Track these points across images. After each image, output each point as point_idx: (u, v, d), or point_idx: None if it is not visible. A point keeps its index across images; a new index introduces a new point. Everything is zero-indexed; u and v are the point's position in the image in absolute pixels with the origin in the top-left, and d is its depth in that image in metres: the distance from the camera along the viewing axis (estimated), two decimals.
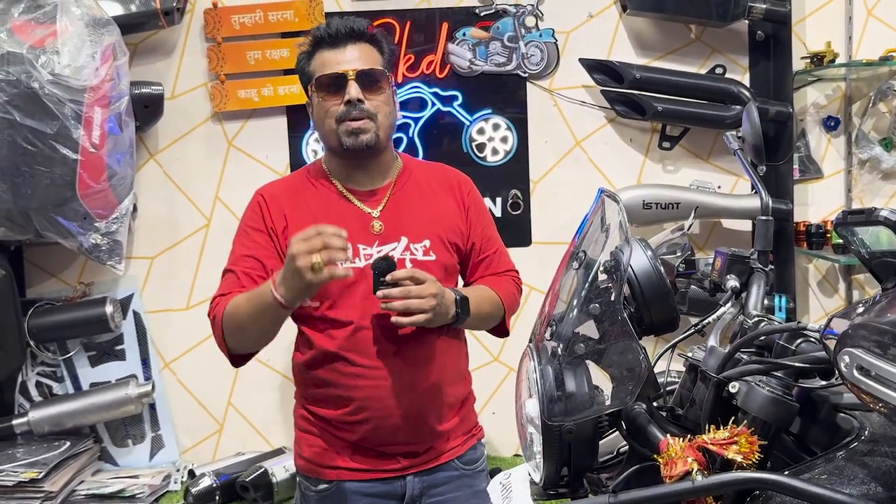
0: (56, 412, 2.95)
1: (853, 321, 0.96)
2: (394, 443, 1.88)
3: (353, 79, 1.81)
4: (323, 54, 1.85)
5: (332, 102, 1.83)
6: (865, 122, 3.15)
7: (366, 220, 1.87)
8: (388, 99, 1.87)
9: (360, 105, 1.81)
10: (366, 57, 1.85)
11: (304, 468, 1.98)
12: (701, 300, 1.68)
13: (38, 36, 2.63)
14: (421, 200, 1.93)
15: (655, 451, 1.09)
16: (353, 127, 1.81)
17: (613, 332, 1.19)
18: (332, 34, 1.84)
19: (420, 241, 1.87)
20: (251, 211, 1.93)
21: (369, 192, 1.91)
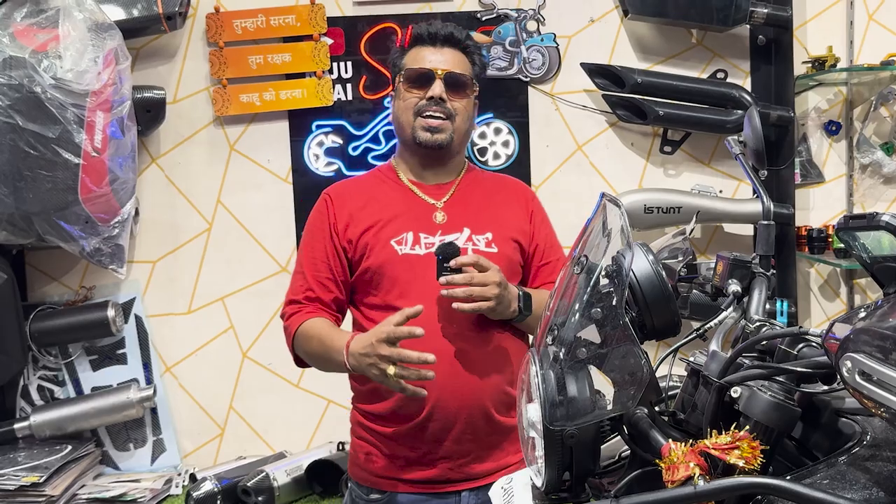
0: (57, 416, 2.95)
1: (855, 326, 0.96)
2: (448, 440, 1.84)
3: (440, 77, 1.87)
4: (418, 50, 1.92)
5: (416, 95, 1.89)
6: (867, 127, 3.15)
7: (429, 210, 1.91)
8: (468, 105, 1.93)
9: (442, 103, 1.87)
10: (457, 62, 1.91)
11: (358, 477, 1.96)
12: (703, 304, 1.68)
13: (41, 40, 2.64)
14: (486, 198, 1.97)
15: (657, 455, 1.09)
16: (431, 124, 1.87)
17: (615, 336, 1.19)
18: (432, 33, 1.91)
19: (482, 233, 1.90)
20: (317, 211, 1.99)
21: (435, 186, 1.96)
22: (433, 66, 1.89)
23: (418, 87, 1.89)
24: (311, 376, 3.17)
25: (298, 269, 1.98)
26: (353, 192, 1.98)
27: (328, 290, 1.92)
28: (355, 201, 1.95)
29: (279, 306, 3.08)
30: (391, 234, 1.88)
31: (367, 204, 1.93)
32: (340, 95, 3.10)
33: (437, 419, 1.84)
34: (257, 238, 3.14)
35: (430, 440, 1.85)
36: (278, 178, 3.12)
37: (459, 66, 1.91)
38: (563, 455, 1.17)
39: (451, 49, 1.92)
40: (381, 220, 1.90)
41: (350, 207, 1.93)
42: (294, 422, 3.18)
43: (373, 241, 1.89)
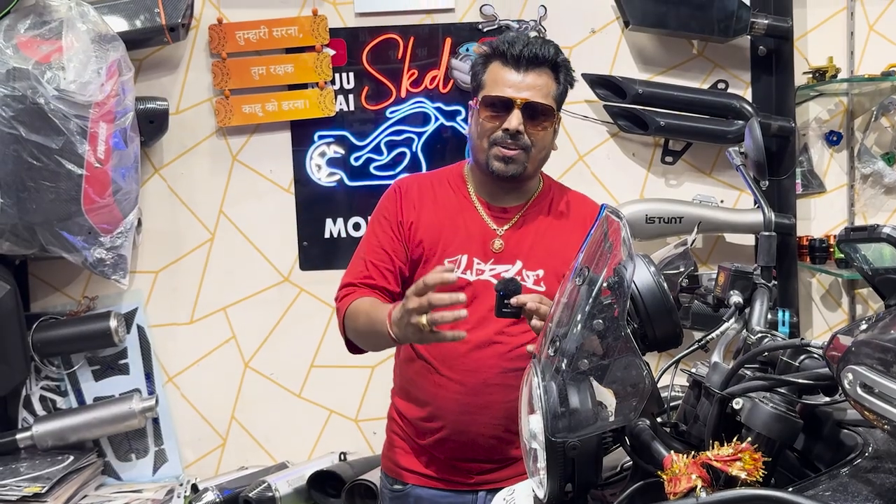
0: (60, 426, 2.95)
1: (856, 338, 0.96)
2: (466, 458, 1.90)
3: (518, 108, 1.80)
4: (500, 70, 1.83)
5: (492, 124, 1.82)
6: (868, 137, 3.15)
7: (489, 236, 1.89)
8: (548, 134, 1.87)
9: (519, 137, 1.81)
10: (540, 87, 1.82)
11: (385, 466, 2.04)
12: (704, 315, 1.69)
13: (44, 52, 2.64)
14: (549, 228, 1.92)
15: (659, 467, 1.09)
16: (504, 154, 1.82)
17: (617, 348, 1.19)
18: (517, 56, 1.81)
19: (534, 270, 1.87)
20: (386, 199, 1.98)
21: (501, 209, 1.92)
22: (513, 93, 1.80)
23: (496, 114, 1.82)
24: (314, 387, 3.17)
25: (360, 254, 1.97)
26: (425, 193, 1.96)
27: (386, 280, 1.92)
28: (425, 203, 1.94)
29: (281, 316, 3.13)
30: (447, 252, 1.89)
31: (434, 210, 1.92)
32: (342, 106, 3.10)
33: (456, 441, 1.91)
34: (259, 248, 3.14)
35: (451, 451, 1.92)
36: (280, 188, 3.13)
37: (542, 91, 1.83)
38: (565, 467, 1.18)
39: (535, 70, 1.82)
40: (441, 233, 1.90)
41: (417, 207, 1.93)
42: (296, 432, 3.18)
43: (428, 254, 1.90)
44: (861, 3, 3.13)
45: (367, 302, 1.86)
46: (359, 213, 3.13)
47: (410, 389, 1.98)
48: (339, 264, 3.02)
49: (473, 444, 1.88)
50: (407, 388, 2.00)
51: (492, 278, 1.86)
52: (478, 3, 3.09)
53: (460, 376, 1.86)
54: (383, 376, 3.04)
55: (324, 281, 3.07)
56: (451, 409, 1.88)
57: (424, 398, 1.93)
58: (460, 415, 1.87)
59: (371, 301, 1.87)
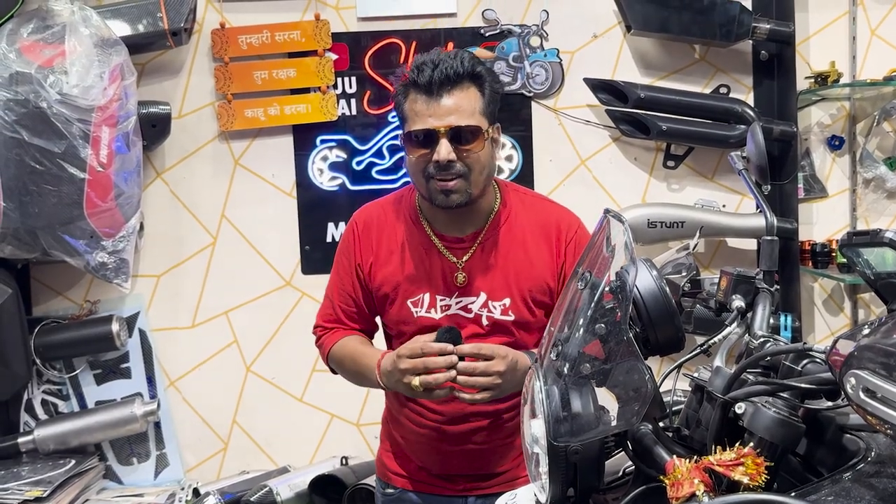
0: (61, 430, 2.95)
1: (859, 342, 0.96)
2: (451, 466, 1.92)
3: (444, 137, 1.69)
4: (417, 101, 1.72)
5: (422, 157, 1.73)
6: (870, 142, 3.15)
7: (450, 270, 1.83)
8: (483, 153, 1.74)
9: (452, 166, 1.70)
10: (463, 106, 1.70)
11: (378, 470, 2.06)
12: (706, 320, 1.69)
13: (47, 56, 2.65)
14: (510, 251, 1.84)
15: (661, 472, 1.09)
16: (442, 187, 1.72)
17: (619, 352, 1.19)
18: (427, 83, 1.70)
19: (500, 300, 1.82)
20: (344, 240, 1.96)
21: (457, 240, 1.84)
22: (434, 123, 1.68)
23: (422, 146, 1.72)
24: (315, 391, 3.17)
25: (329, 293, 1.99)
26: (382, 230, 1.90)
27: (354, 322, 1.97)
28: (382, 241, 1.89)
29: (283, 320, 3.14)
30: (408, 293, 1.85)
31: (392, 249, 1.88)
32: (345, 110, 3.11)
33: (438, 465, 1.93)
34: (261, 252, 3.15)
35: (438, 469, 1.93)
36: (282, 192, 3.13)
37: (466, 110, 1.70)
38: (567, 471, 1.18)
39: (453, 91, 1.70)
40: (401, 273, 1.87)
41: (376, 247, 1.89)
42: (297, 436, 3.18)
43: (392, 295, 1.88)
44: (863, 8, 3.13)
45: (351, 345, 1.91)
46: None
47: (394, 412, 1.99)
48: None
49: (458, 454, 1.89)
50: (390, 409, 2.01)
51: (460, 311, 1.83)
52: (480, 7, 3.09)
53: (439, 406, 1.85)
54: None
55: (325, 285, 3.06)
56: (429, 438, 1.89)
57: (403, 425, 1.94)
58: (439, 443, 1.88)
59: (354, 343, 1.91)
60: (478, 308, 1.82)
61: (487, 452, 1.89)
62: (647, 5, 2.99)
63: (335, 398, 3.17)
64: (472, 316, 1.83)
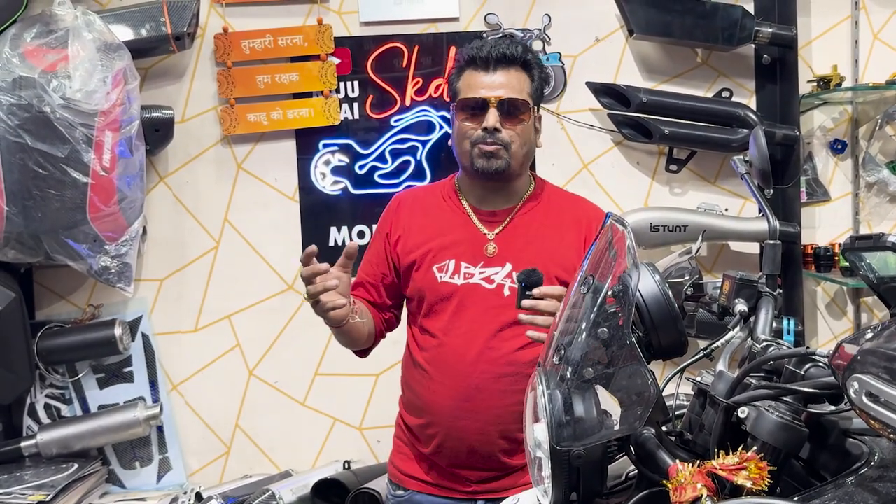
0: (64, 434, 2.95)
1: (862, 347, 0.96)
2: (464, 466, 1.92)
3: (494, 106, 1.83)
4: (471, 75, 1.87)
5: (471, 125, 1.86)
6: (872, 146, 3.15)
7: (481, 241, 1.91)
8: (526, 129, 1.88)
9: (497, 134, 1.83)
10: (513, 84, 1.85)
11: (389, 472, 2.08)
12: (709, 323, 1.69)
13: (50, 60, 2.65)
14: (541, 229, 1.93)
15: (664, 476, 1.09)
16: (486, 150, 1.84)
17: (622, 356, 1.19)
18: (484, 57, 1.85)
19: None
20: (383, 215, 2.07)
21: (491, 213, 1.94)
22: (486, 94, 1.84)
23: (473, 116, 1.86)
24: (318, 395, 3.17)
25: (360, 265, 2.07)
26: (418, 205, 2.01)
27: (369, 293, 2.02)
28: (416, 215, 1.99)
29: (285, 324, 3.14)
30: (435, 259, 1.92)
31: (425, 221, 1.97)
32: (347, 114, 3.11)
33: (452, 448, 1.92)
34: (264, 256, 3.15)
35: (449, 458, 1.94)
36: (285, 196, 3.14)
37: (515, 87, 1.86)
38: (570, 475, 1.18)
39: (506, 69, 1.86)
40: (431, 241, 1.94)
41: (408, 220, 1.99)
42: (300, 440, 3.18)
43: (419, 262, 1.94)
44: (865, 12, 3.13)
45: None
46: (363, 221, 3.13)
47: (410, 397, 2.02)
48: None
49: (469, 450, 1.89)
50: (407, 395, 2.04)
51: (482, 281, 1.89)
52: (482, 12, 3.10)
53: (453, 381, 1.88)
54: (387, 385, 3.03)
55: None
56: (444, 416, 1.90)
57: (421, 405, 1.96)
58: (454, 420, 1.89)
59: None
60: (501, 278, 1.88)
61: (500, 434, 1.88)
62: (649, 9, 2.99)
63: (338, 402, 3.17)
64: (493, 287, 1.88)
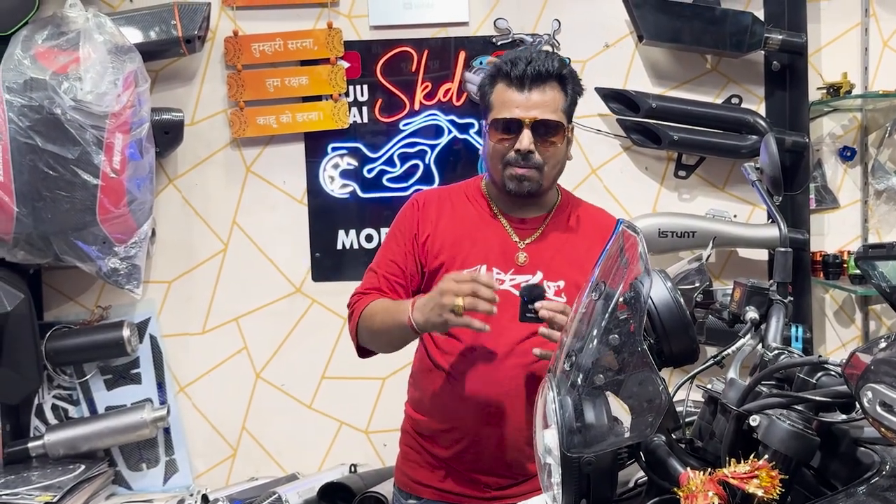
0: (71, 435, 2.96)
1: (876, 356, 0.96)
2: (486, 472, 1.89)
3: (528, 127, 1.80)
4: (505, 91, 1.83)
5: (504, 145, 1.83)
6: (882, 153, 3.15)
7: (512, 249, 1.89)
8: (559, 149, 1.86)
9: (531, 157, 1.81)
10: (548, 102, 1.82)
11: (399, 481, 2.03)
12: (719, 331, 1.69)
13: (62, 62, 2.67)
14: (568, 240, 1.92)
15: (675, 484, 1.09)
16: (519, 174, 1.82)
17: (633, 363, 1.19)
18: (520, 76, 1.81)
19: (555, 280, 1.87)
20: (403, 213, 2.00)
21: (521, 220, 1.92)
22: (520, 114, 1.80)
23: (506, 135, 1.83)
24: (324, 398, 3.17)
25: (373, 266, 2.00)
26: (446, 206, 1.98)
27: (395, 293, 1.94)
28: (441, 215, 1.96)
29: (293, 327, 3.14)
30: (466, 263, 1.89)
31: (452, 222, 1.94)
32: (356, 118, 3.12)
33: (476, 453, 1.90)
34: (272, 259, 3.15)
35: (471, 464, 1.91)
36: (293, 199, 3.14)
37: (550, 107, 1.82)
38: (580, 482, 1.18)
39: (542, 87, 1.82)
40: (460, 244, 1.92)
41: (434, 220, 1.95)
42: (306, 443, 3.18)
43: (448, 264, 1.90)
44: (875, 19, 3.13)
45: (387, 300, 1.90)
46: (371, 224, 3.13)
47: (428, 401, 1.96)
48: (351, 276, 3.03)
49: (494, 456, 1.87)
50: (424, 399, 1.97)
51: (511, 288, 1.86)
52: (492, 16, 3.10)
53: (481, 386, 1.85)
54: (394, 388, 3.03)
55: (336, 292, 3.08)
56: (471, 421, 1.87)
57: (443, 410, 1.91)
58: (480, 426, 1.86)
59: (390, 300, 1.91)
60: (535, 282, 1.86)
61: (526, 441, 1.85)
62: (659, 15, 2.99)
63: (344, 405, 3.17)
64: None
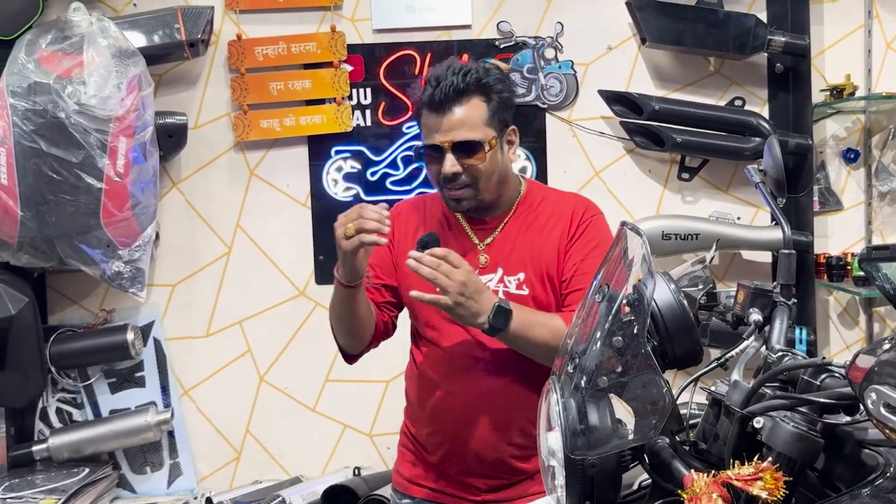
0: (76, 439, 2.96)
1: (880, 358, 0.96)
2: (474, 474, 1.91)
3: (448, 150, 1.79)
4: (427, 117, 1.83)
5: (435, 169, 1.84)
6: (885, 155, 3.14)
7: (473, 251, 1.90)
8: (489, 161, 1.82)
9: (458, 178, 1.81)
10: (465, 120, 1.79)
11: (395, 481, 2.06)
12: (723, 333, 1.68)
13: (65, 66, 2.67)
14: (528, 231, 1.92)
15: (679, 486, 1.09)
16: (454, 195, 1.84)
17: (636, 365, 1.19)
18: (431, 101, 1.80)
19: (514, 274, 1.88)
20: None
21: (481, 221, 1.94)
22: (440, 138, 1.79)
23: (434, 159, 1.83)
24: (328, 401, 3.17)
25: None
26: (412, 214, 2.02)
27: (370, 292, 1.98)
28: (409, 223, 1.99)
29: (296, 330, 3.14)
30: None
31: (418, 230, 1.96)
32: (359, 121, 3.12)
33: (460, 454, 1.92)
34: (276, 262, 3.16)
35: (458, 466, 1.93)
36: (297, 202, 3.14)
37: (468, 124, 1.79)
38: (584, 484, 1.18)
39: (459, 104, 1.79)
40: None
41: (404, 228, 1.99)
42: (310, 446, 3.18)
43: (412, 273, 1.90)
44: (878, 21, 3.13)
45: None
46: None
47: (415, 407, 2.01)
48: None
49: (477, 457, 1.89)
50: (412, 405, 2.03)
51: None
52: (495, 19, 3.10)
53: (457, 388, 1.88)
54: (398, 391, 3.01)
55: None
56: (450, 425, 1.90)
57: (427, 415, 1.95)
58: (459, 429, 1.89)
59: None
60: (494, 284, 1.87)
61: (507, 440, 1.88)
62: (661, 18, 2.99)
63: (348, 408, 3.17)
64: None
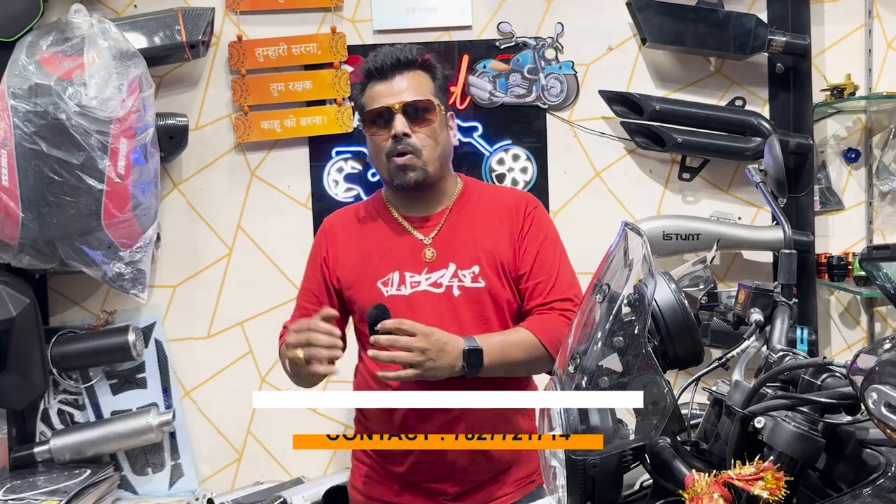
0: (77, 440, 2.96)
1: (881, 357, 0.96)
2: (441, 479, 1.88)
3: (398, 112, 1.81)
4: (373, 87, 1.85)
5: (382, 137, 1.84)
6: (886, 154, 3.14)
7: (418, 248, 1.88)
8: (436, 130, 1.85)
9: (406, 139, 1.81)
10: (415, 87, 1.83)
11: (354, 498, 2.02)
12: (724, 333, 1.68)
13: (66, 68, 2.67)
14: (475, 225, 1.91)
15: (680, 486, 1.09)
16: (400, 163, 1.82)
17: (637, 365, 1.19)
18: (380, 67, 1.83)
19: (468, 268, 1.86)
20: (315, 241, 2.03)
21: (423, 219, 1.92)
22: (389, 101, 1.82)
23: (381, 126, 1.84)
24: None
25: (297, 300, 2.04)
26: (348, 225, 1.98)
27: None
28: (348, 235, 1.96)
29: None
30: (378, 274, 1.89)
31: (359, 240, 1.93)
32: (360, 122, 3.12)
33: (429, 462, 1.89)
34: (277, 263, 3.16)
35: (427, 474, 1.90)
36: (298, 203, 3.15)
37: (418, 90, 1.84)
38: (586, 485, 1.18)
39: (405, 74, 1.84)
40: (369, 258, 1.91)
41: (342, 241, 1.95)
42: None
43: (360, 281, 1.90)
44: (879, 21, 3.13)
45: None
46: None
47: (376, 418, 1.96)
48: None
49: (449, 463, 1.87)
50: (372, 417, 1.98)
51: (430, 287, 1.86)
52: (495, 20, 3.10)
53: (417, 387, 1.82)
54: None
55: None
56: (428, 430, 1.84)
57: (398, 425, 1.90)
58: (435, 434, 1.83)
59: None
60: (448, 279, 1.85)
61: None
62: (662, 18, 2.99)
63: (349, 409, 3.17)
64: (442, 290, 1.85)
